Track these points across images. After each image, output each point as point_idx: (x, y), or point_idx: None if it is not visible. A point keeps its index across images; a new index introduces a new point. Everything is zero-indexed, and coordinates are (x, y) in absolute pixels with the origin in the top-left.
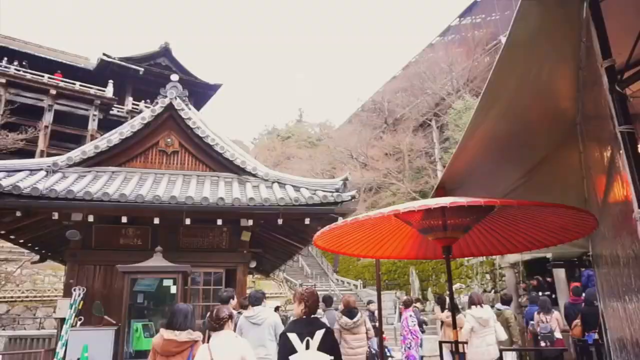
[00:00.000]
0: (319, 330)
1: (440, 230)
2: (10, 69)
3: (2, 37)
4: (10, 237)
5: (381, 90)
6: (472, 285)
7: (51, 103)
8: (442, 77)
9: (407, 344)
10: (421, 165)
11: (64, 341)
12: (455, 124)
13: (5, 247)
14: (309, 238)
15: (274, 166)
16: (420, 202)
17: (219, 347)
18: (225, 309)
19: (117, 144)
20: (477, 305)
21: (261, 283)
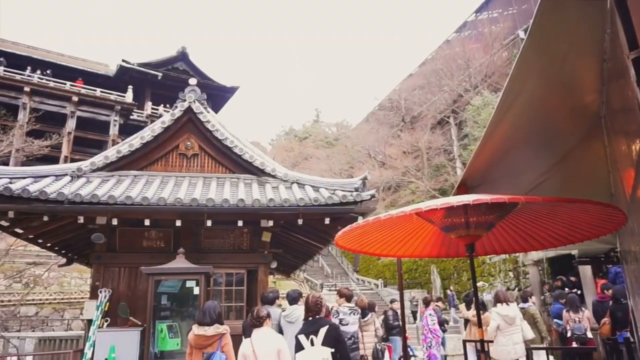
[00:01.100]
0: (322, 328)
1: (463, 228)
2: (34, 78)
3: (25, 47)
4: (38, 241)
5: (398, 88)
6: (495, 283)
7: (73, 110)
8: (459, 73)
9: (427, 343)
10: (440, 163)
11: (91, 342)
12: (474, 121)
13: (34, 251)
14: (328, 238)
15: (292, 167)
16: (442, 200)
17: (259, 340)
18: (264, 308)
19: (138, 148)
20: (503, 303)
21: (282, 283)
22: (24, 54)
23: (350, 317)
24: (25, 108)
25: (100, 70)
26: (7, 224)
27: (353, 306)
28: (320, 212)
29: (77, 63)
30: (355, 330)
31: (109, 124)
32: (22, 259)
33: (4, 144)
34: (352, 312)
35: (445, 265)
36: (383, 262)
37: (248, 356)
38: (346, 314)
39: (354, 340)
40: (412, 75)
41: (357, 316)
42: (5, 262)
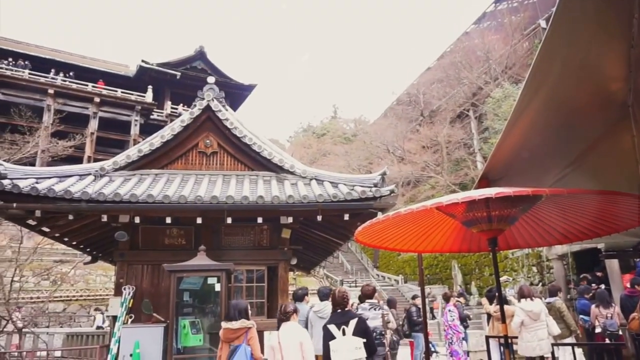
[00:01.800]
0: (352, 320)
1: (485, 222)
2: (57, 80)
3: (49, 50)
4: (64, 240)
5: (416, 83)
6: (518, 278)
7: (96, 111)
8: (478, 65)
9: (448, 339)
10: (460, 157)
11: (117, 338)
12: (495, 113)
13: (60, 249)
14: (348, 234)
15: (311, 163)
16: (464, 194)
17: (284, 333)
18: (291, 304)
19: (159, 147)
20: (528, 298)
21: (302, 280)
22: (47, 56)
23: (370, 313)
24: (49, 110)
25: (120, 71)
26: (35, 223)
27: (374, 302)
28: (339, 208)
29: (98, 64)
30: (377, 325)
31: (130, 124)
32: (50, 257)
33: (30, 145)
34: (372, 307)
35: (467, 260)
36: (403, 257)
37: (274, 348)
38: (366, 309)
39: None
40: (431, 69)
41: (378, 311)
42: (34, 260)
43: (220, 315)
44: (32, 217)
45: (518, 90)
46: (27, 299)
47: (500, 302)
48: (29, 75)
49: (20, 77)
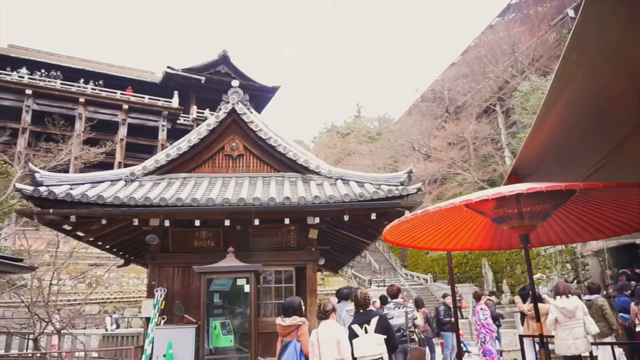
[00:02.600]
0: (373, 318)
1: (516, 219)
2: (88, 89)
3: (79, 60)
4: (97, 244)
5: (440, 79)
6: (551, 275)
7: (124, 117)
8: (504, 59)
9: (481, 338)
10: (487, 153)
11: (150, 339)
12: (522, 107)
13: (94, 253)
14: (375, 233)
15: (335, 163)
16: (493, 190)
17: (323, 331)
18: (329, 303)
19: (186, 152)
20: (563, 295)
21: (330, 280)
22: (77, 66)
23: (395, 311)
24: (81, 118)
25: (147, 78)
26: (70, 228)
27: (399, 301)
28: (366, 208)
29: (126, 72)
30: (401, 323)
31: (157, 129)
32: (85, 260)
33: (63, 152)
34: (396, 306)
35: (497, 258)
36: (432, 256)
37: (314, 344)
38: (390, 309)
39: (402, 332)
40: (455, 64)
41: (402, 310)
42: (70, 264)
43: (250, 316)
44: (68, 222)
45: (546, 83)
46: (65, 301)
47: (534, 300)
48: (61, 85)
49: (53, 88)
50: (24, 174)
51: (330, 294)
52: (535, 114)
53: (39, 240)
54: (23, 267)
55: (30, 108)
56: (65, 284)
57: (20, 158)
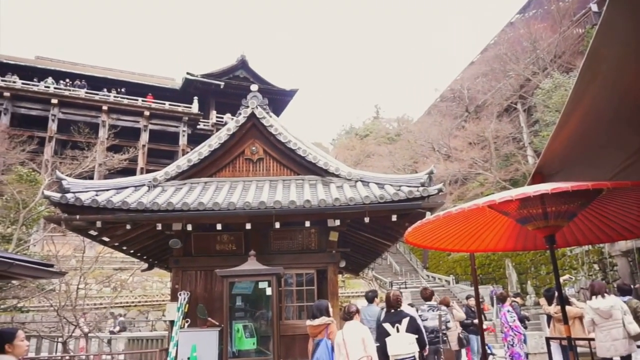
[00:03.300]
0: (404, 319)
1: (541, 219)
2: (110, 97)
3: (101, 69)
4: (122, 248)
5: (459, 78)
6: (578, 276)
7: (146, 124)
8: (525, 56)
9: (509, 341)
10: (509, 152)
11: (175, 342)
12: (545, 105)
13: (119, 258)
14: (396, 235)
15: (355, 165)
16: (517, 191)
17: (348, 331)
18: (353, 305)
19: (207, 156)
20: (598, 295)
21: (351, 282)
22: (100, 75)
23: (429, 314)
24: (104, 125)
25: (167, 84)
26: (96, 233)
27: (433, 304)
28: (387, 209)
29: (146, 79)
30: (435, 325)
31: (178, 135)
32: (110, 265)
33: (88, 160)
34: (430, 309)
35: (521, 258)
36: (454, 257)
37: (340, 344)
38: (425, 311)
39: (436, 334)
40: (474, 63)
41: (436, 312)
42: (96, 269)
43: (272, 319)
44: (94, 227)
45: (570, 80)
46: (91, 305)
47: (561, 301)
48: (85, 94)
49: (77, 96)
50: (51, 181)
51: (351, 296)
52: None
53: (66, 245)
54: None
55: (56, 117)
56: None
57: (47, 166)
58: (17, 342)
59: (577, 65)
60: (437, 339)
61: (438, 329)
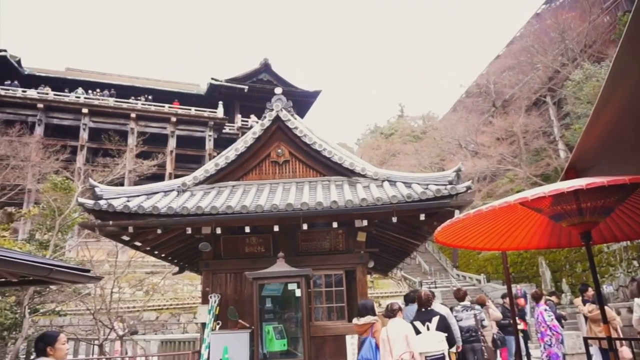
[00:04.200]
0: (434, 317)
1: (576, 216)
2: (138, 104)
3: (128, 77)
4: (154, 252)
5: (485, 72)
6: (616, 274)
7: (173, 130)
8: (553, 47)
9: (546, 341)
10: (539, 147)
11: (207, 344)
12: (576, 97)
13: (150, 262)
14: (425, 234)
15: (380, 164)
16: (550, 187)
17: (391, 328)
18: (396, 303)
19: (234, 160)
20: None
21: (379, 282)
22: (127, 84)
23: (464, 314)
24: (133, 133)
25: (192, 90)
26: (128, 238)
27: (466, 304)
28: (415, 209)
29: (172, 86)
30: (471, 324)
31: (204, 140)
32: (141, 269)
33: (119, 166)
34: (464, 309)
35: (555, 256)
36: (484, 256)
37: (384, 340)
38: (459, 311)
39: (471, 333)
40: (500, 57)
41: (471, 312)
42: (128, 273)
43: (302, 321)
44: (126, 232)
45: (601, 70)
46: (125, 308)
47: (600, 300)
48: (114, 102)
49: (106, 105)
50: (85, 188)
51: (380, 297)
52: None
53: (100, 250)
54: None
55: (87, 126)
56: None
57: (80, 174)
58: (59, 345)
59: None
60: (472, 337)
61: (474, 327)
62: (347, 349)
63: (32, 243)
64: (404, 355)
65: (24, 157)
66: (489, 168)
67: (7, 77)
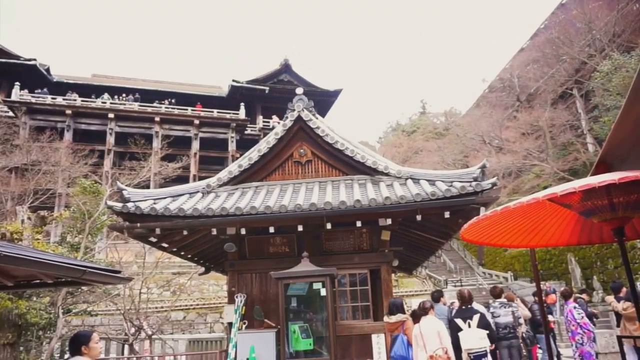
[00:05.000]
0: (475, 315)
1: (608, 211)
2: (162, 108)
3: (152, 82)
4: (180, 253)
5: (508, 66)
6: None
7: (196, 132)
8: (579, 38)
9: (578, 340)
10: (567, 141)
11: (234, 343)
12: (604, 89)
13: (177, 262)
14: (450, 232)
15: (403, 162)
16: (580, 182)
17: (425, 325)
18: (428, 302)
19: (257, 161)
20: None
21: (404, 281)
22: (151, 88)
23: (501, 310)
24: (157, 136)
25: (214, 92)
26: (155, 240)
27: (503, 300)
28: (439, 206)
29: (194, 89)
30: (508, 321)
31: (227, 141)
32: (168, 270)
33: (145, 169)
34: (502, 306)
35: (585, 252)
36: (511, 253)
37: (417, 336)
38: (497, 308)
39: (509, 330)
40: (524, 50)
41: (509, 309)
42: (156, 274)
43: (328, 320)
44: (153, 234)
45: (631, 60)
46: (153, 308)
47: (635, 298)
48: (139, 107)
49: (131, 110)
50: (113, 191)
51: (405, 295)
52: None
53: (128, 252)
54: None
55: (113, 130)
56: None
57: (108, 177)
58: (92, 344)
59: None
60: (510, 334)
61: (512, 324)
62: (373, 348)
63: (63, 245)
64: (437, 350)
65: (54, 162)
66: (514, 164)
67: (37, 85)
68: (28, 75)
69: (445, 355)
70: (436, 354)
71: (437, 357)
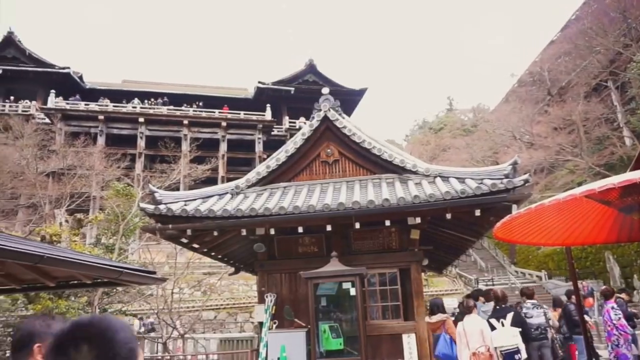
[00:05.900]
0: (509, 314)
1: None
2: (190, 111)
3: (180, 85)
4: (211, 254)
5: (538, 60)
6: None
7: (224, 134)
8: (614, 28)
9: (614, 341)
10: (602, 135)
11: (264, 342)
12: None
13: (207, 263)
14: (481, 230)
15: (430, 160)
16: (620, 177)
17: (468, 323)
18: (471, 300)
19: (284, 162)
20: None
21: (434, 280)
22: (179, 92)
23: (534, 311)
24: (186, 139)
25: (240, 94)
26: (187, 241)
27: (535, 302)
28: (469, 204)
29: (221, 92)
30: (541, 322)
31: (254, 142)
32: (199, 270)
33: (175, 172)
34: (534, 306)
35: (624, 250)
36: (544, 251)
37: (460, 334)
38: (529, 309)
39: (541, 330)
40: (554, 42)
41: (540, 310)
42: (187, 274)
43: (358, 320)
44: (184, 235)
45: None
46: (185, 308)
47: None
48: (168, 111)
49: (161, 113)
50: (144, 194)
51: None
52: None
53: (160, 253)
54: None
55: (143, 134)
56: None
57: (139, 180)
58: None
59: None
60: (542, 335)
61: (544, 325)
62: (404, 348)
63: (99, 247)
64: (480, 348)
65: (88, 166)
66: (546, 159)
67: (71, 92)
68: (62, 82)
69: (487, 352)
70: (479, 352)
71: (479, 354)
